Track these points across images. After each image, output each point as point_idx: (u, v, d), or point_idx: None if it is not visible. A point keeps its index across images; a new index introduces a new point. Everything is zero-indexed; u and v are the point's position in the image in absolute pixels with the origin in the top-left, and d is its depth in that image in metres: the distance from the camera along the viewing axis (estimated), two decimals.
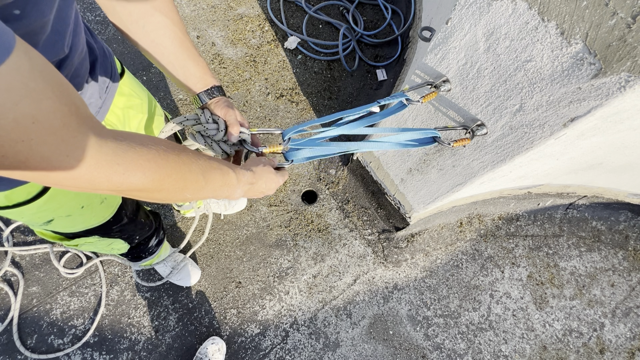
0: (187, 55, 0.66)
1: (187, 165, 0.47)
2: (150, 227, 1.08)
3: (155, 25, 0.62)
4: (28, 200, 0.62)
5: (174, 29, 0.64)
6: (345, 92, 2.00)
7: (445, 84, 0.91)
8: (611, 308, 1.67)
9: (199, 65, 0.68)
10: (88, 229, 0.82)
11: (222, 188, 0.55)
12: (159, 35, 0.63)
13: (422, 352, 1.53)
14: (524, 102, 0.78)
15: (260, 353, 1.46)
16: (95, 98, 0.67)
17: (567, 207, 1.83)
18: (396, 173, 1.42)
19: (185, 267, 1.49)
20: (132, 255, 1.12)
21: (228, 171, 0.55)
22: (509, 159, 0.92)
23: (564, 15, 0.63)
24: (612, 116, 0.77)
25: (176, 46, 0.65)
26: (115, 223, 0.88)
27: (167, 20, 0.63)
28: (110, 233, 0.91)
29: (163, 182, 0.45)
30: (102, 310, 1.45)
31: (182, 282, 1.49)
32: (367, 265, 1.65)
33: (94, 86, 0.66)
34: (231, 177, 0.56)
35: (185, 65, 0.66)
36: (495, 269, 1.70)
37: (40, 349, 1.37)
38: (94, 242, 0.90)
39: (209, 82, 0.69)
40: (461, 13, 0.79)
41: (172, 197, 0.49)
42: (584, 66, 0.64)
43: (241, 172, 0.58)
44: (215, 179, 0.53)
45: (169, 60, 0.66)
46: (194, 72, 0.67)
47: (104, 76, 0.70)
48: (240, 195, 0.60)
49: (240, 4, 2.14)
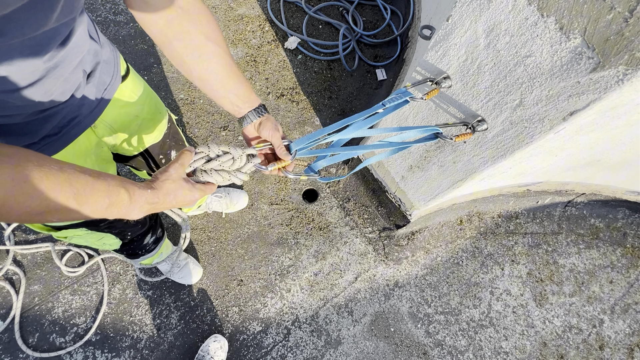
0: (235, 79, 0.71)
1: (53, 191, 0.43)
2: (144, 224, 1.07)
3: (209, 55, 0.66)
4: None
5: (224, 56, 0.68)
6: (345, 92, 2.02)
7: (446, 81, 0.93)
8: (610, 304, 1.69)
9: (245, 85, 0.72)
10: (75, 221, 0.79)
11: (108, 209, 0.50)
12: (212, 64, 0.67)
13: (423, 349, 1.54)
14: (524, 97, 0.80)
15: (262, 350, 1.46)
16: (89, 99, 0.70)
17: (566, 205, 1.85)
18: (397, 171, 1.43)
19: (187, 266, 1.49)
20: (127, 252, 1.12)
21: (119, 192, 0.51)
22: (509, 154, 0.93)
23: (563, 11, 0.64)
24: (610, 111, 0.78)
25: (227, 72, 0.69)
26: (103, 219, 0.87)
27: (219, 48, 0.67)
28: (99, 227, 0.90)
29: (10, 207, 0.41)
30: (104, 309, 1.45)
31: (184, 280, 1.50)
32: (368, 263, 1.65)
33: (90, 88, 0.69)
34: (122, 198, 0.51)
35: (235, 88, 0.71)
36: (495, 267, 1.71)
37: (42, 348, 1.37)
38: (83, 235, 0.89)
39: (255, 101, 0.74)
40: (462, 10, 0.81)
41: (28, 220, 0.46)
42: (582, 60, 0.66)
43: (138, 192, 0.54)
44: (96, 202, 0.48)
45: (222, 85, 0.70)
46: (241, 94, 0.72)
47: (105, 79, 0.72)
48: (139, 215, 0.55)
49: (240, 4, 2.16)
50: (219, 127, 1.84)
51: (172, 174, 0.59)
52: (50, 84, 0.56)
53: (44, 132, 0.64)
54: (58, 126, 0.66)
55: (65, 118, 0.66)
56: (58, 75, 0.57)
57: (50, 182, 0.43)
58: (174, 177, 0.59)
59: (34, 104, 0.57)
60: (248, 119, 0.74)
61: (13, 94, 0.52)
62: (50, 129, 0.65)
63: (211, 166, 0.64)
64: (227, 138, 1.82)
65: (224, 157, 0.64)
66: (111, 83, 0.74)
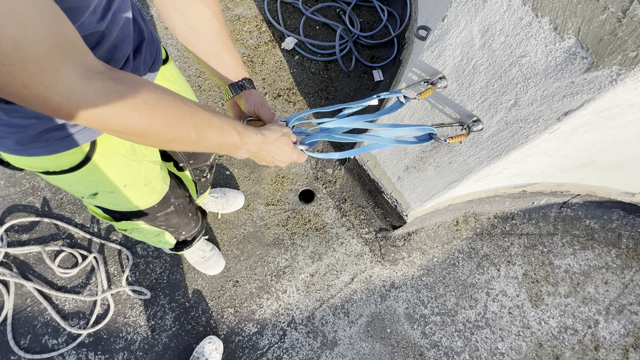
0: (222, 45, 0.67)
1: (176, 119, 0.46)
2: (197, 223, 1.10)
3: (195, 14, 0.63)
4: (71, 168, 0.64)
5: (212, 19, 0.65)
6: (342, 93, 2.02)
7: (441, 81, 0.93)
8: (605, 305, 1.69)
9: (233, 56, 0.69)
10: (133, 210, 0.83)
11: (220, 147, 0.55)
12: (197, 24, 0.64)
13: (419, 350, 1.53)
14: (518, 97, 0.80)
15: (258, 352, 1.45)
16: (140, 73, 0.68)
17: (561, 206, 1.86)
18: (393, 171, 1.43)
19: (213, 256, 1.51)
20: (177, 249, 1.16)
21: (230, 132, 0.55)
22: (504, 154, 0.93)
23: (557, 11, 0.64)
24: (605, 111, 0.79)
25: (213, 36, 0.66)
26: (160, 210, 0.89)
27: (207, 10, 0.64)
28: (156, 220, 0.92)
29: (145, 131, 0.44)
30: (98, 310, 1.43)
31: (209, 271, 1.52)
32: (365, 263, 1.65)
33: (137, 65, 0.67)
34: (233, 139, 0.55)
35: (219, 54, 0.67)
36: (491, 267, 1.71)
37: (34, 349, 1.36)
38: (142, 230, 0.92)
39: (240, 74, 0.70)
40: (457, 10, 0.81)
41: (159, 145, 0.49)
42: (576, 60, 0.66)
43: (248, 135, 0.58)
44: (212, 136, 0.52)
45: (204, 48, 0.66)
46: (226, 62, 0.68)
47: (149, 57, 0.71)
48: (245, 155, 0.60)
49: (237, 5, 2.16)
50: None
51: (285, 130, 0.63)
52: (102, 50, 0.54)
53: None
54: None
55: None
56: (107, 42, 0.55)
57: (175, 111, 0.46)
58: (285, 130, 0.64)
59: None
60: (230, 91, 0.71)
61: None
62: None
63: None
64: None
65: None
66: (155, 63, 0.73)
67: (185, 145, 0.51)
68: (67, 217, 1.57)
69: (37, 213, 1.55)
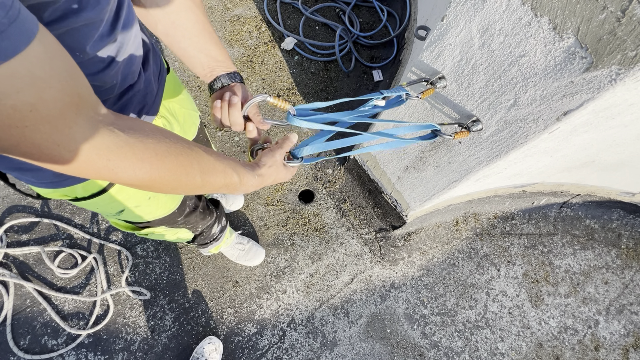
0: (209, 38, 0.64)
1: (184, 167, 0.46)
2: (211, 216, 1.12)
3: (176, 6, 0.60)
4: (101, 191, 0.64)
5: (196, 11, 0.61)
6: (342, 93, 2.02)
7: (441, 81, 0.93)
8: (605, 305, 1.69)
9: (221, 49, 0.66)
10: (156, 219, 0.84)
11: (221, 189, 0.55)
12: (180, 17, 0.60)
13: (419, 350, 1.53)
14: (518, 97, 0.80)
15: (258, 352, 1.45)
16: (150, 88, 0.66)
17: (561, 206, 1.85)
18: (393, 171, 1.43)
19: (252, 247, 1.54)
20: (198, 243, 1.17)
21: (232, 175, 0.55)
22: (503, 154, 0.93)
23: (556, 10, 0.64)
24: (604, 111, 0.78)
25: (199, 29, 0.62)
26: (180, 214, 0.91)
27: (190, 2, 0.60)
28: (176, 224, 0.93)
29: (154, 181, 0.44)
30: (97, 311, 1.43)
31: (250, 263, 1.55)
32: (364, 264, 1.65)
33: (148, 76, 0.65)
34: (234, 181, 0.55)
35: (207, 48, 0.64)
36: (491, 267, 1.71)
37: (34, 350, 1.35)
38: (162, 233, 0.95)
39: (230, 67, 0.67)
40: (456, 10, 0.81)
41: (164, 191, 0.49)
42: (576, 60, 0.66)
43: (247, 177, 0.58)
44: (215, 181, 0.52)
45: (191, 42, 0.63)
46: (215, 56, 0.65)
47: (156, 68, 0.69)
48: (245, 192, 0.61)
49: (237, 5, 2.16)
50: (215, 127, 1.84)
51: (278, 159, 0.63)
52: (119, 63, 0.54)
53: None
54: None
55: (135, 109, 0.64)
56: (123, 53, 0.54)
57: (184, 159, 0.46)
58: (278, 162, 0.63)
59: (111, 87, 0.55)
60: (219, 82, 0.67)
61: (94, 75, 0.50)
62: None
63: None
64: (222, 138, 1.81)
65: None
66: (161, 73, 0.72)
67: (188, 190, 0.50)
68: (67, 218, 1.56)
69: (36, 213, 1.55)
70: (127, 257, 1.52)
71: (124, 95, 0.59)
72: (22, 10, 0.28)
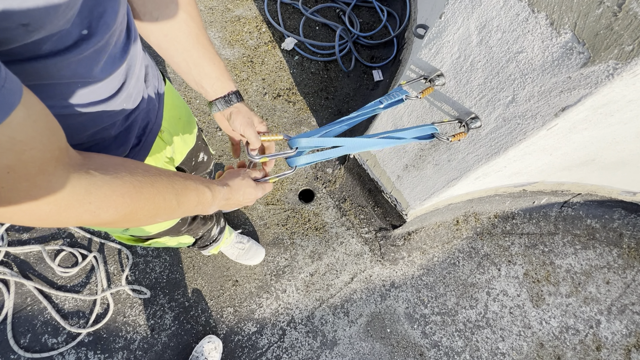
0: (203, 53, 0.61)
1: (161, 194, 0.45)
2: (211, 220, 1.13)
3: (169, 18, 0.57)
4: None
5: (190, 24, 0.58)
6: (342, 93, 2.02)
7: (439, 78, 0.93)
8: (607, 305, 1.68)
9: (216, 65, 0.63)
10: (161, 231, 0.85)
11: (196, 207, 0.53)
12: (173, 29, 0.58)
13: (419, 350, 1.53)
14: (516, 94, 0.80)
15: (257, 351, 1.45)
16: (152, 103, 0.65)
17: (562, 205, 1.85)
18: (392, 170, 1.43)
19: (251, 248, 1.54)
20: (198, 246, 1.18)
21: (204, 190, 0.53)
22: (502, 151, 0.93)
23: (553, 6, 0.64)
24: (602, 107, 0.78)
25: (192, 43, 0.60)
26: (184, 224, 0.92)
27: (184, 13, 0.57)
28: (180, 233, 0.95)
29: (135, 214, 0.43)
30: (97, 309, 1.43)
31: (250, 262, 1.55)
32: (364, 263, 1.65)
33: (150, 92, 0.64)
34: (206, 196, 0.54)
35: (200, 64, 0.61)
36: (491, 267, 1.70)
37: (34, 348, 1.36)
38: (165, 241, 0.95)
39: (226, 87, 0.64)
40: (454, 7, 0.81)
41: (143, 224, 0.47)
42: (573, 55, 0.66)
43: (217, 189, 0.57)
44: (190, 201, 0.51)
45: (183, 57, 0.61)
46: (208, 73, 0.62)
47: (154, 82, 0.67)
48: (215, 210, 0.59)
49: (237, 5, 2.17)
50: (215, 127, 1.84)
51: (242, 174, 0.63)
52: (129, 85, 0.53)
53: (130, 143, 0.61)
54: (137, 136, 0.63)
55: (140, 126, 0.63)
56: (132, 75, 0.53)
57: (160, 185, 0.45)
58: (243, 175, 0.63)
59: (121, 111, 0.54)
60: (215, 107, 0.65)
61: (106, 102, 0.49)
62: (134, 140, 0.62)
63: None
64: (223, 138, 1.82)
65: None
66: (159, 86, 0.70)
67: (166, 216, 0.49)
68: None
69: None
70: (127, 256, 1.52)
71: (130, 116, 0.57)
72: (8, 79, 0.27)
